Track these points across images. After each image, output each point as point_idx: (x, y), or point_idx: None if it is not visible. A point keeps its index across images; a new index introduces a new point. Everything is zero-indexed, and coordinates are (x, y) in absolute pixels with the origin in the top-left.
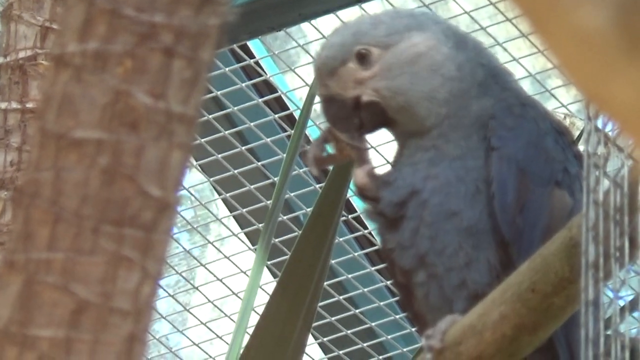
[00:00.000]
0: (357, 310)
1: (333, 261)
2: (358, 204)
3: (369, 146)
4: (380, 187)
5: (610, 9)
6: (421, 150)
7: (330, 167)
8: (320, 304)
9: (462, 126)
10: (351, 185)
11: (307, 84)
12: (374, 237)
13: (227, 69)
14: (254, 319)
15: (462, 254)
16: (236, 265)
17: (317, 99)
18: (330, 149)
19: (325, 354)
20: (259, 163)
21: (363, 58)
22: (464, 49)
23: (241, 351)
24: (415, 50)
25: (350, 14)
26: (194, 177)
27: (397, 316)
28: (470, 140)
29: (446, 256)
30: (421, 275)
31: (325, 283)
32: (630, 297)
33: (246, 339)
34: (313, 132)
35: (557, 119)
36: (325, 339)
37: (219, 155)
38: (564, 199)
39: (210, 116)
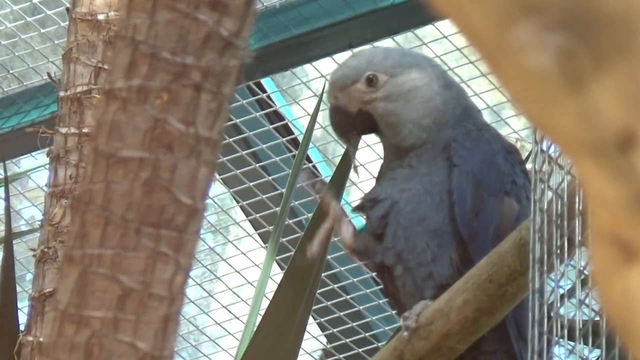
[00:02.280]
0: (348, 296)
1: (329, 257)
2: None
3: (358, 164)
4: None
5: (551, 53)
6: (399, 167)
7: (327, 181)
8: (319, 291)
9: (432, 150)
10: (344, 196)
11: (308, 114)
12: None
13: (244, 101)
14: (265, 303)
15: (429, 252)
16: (251, 260)
17: (316, 126)
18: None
19: (322, 332)
20: (270, 177)
21: (371, 81)
22: (449, 89)
23: (255, 329)
24: (413, 84)
25: (343, 56)
26: (217, 189)
27: (381, 301)
28: (436, 161)
29: (417, 253)
30: (399, 269)
31: (322, 274)
32: (568, 287)
33: (258, 319)
34: (313, 153)
35: (507, 141)
36: (322, 319)
37: (238, 171)
38: (512, 205)
39: (230, 139)
